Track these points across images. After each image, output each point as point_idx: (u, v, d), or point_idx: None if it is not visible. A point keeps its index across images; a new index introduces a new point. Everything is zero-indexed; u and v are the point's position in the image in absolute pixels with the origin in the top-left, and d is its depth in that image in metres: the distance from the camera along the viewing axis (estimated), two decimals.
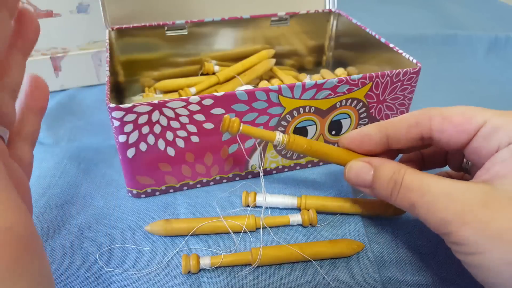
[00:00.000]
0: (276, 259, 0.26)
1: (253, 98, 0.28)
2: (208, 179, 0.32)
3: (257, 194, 0.30)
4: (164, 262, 0.26)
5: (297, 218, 0.28)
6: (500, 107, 0.46)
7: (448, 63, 0.57)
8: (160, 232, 0.27)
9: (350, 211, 0.29)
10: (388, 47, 0.35)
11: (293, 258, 0.26)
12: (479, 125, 0.22)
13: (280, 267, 0.26)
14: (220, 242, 0.27)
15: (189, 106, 0.27)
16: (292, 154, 0.33)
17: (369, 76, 0.30)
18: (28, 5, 0.40)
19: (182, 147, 0.29)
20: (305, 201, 0.29)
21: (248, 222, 0.27)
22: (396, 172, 0.23)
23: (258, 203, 0.30)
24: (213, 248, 0.27)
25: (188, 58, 0.42)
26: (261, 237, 0.27)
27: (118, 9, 0.37)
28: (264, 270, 0.25)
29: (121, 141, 0.27)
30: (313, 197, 0.29)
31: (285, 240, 0.28)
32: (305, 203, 0.29)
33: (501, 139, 0.21)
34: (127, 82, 0.41)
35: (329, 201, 0.29)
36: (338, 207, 0.29)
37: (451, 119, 0.23)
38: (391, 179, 0.23)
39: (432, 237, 0.27)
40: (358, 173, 0.25)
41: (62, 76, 0.45)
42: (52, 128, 0.38)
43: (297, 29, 0.44)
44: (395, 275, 0.26)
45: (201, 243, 0.27)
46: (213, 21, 0.40)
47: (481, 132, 0.22)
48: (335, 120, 0.32)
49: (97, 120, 0.41)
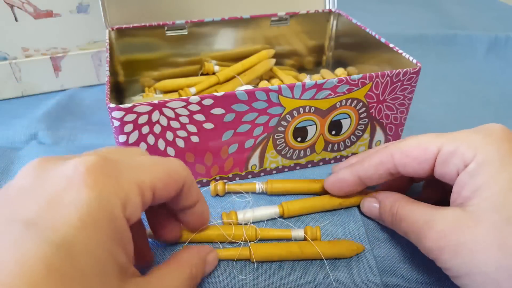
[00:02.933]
0: (275, 256, 0.26)
1: (253, 98, 0.28)
2: (208, 179, 0.32)
3: (238, 212, 0.29)
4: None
5: (299, 233, 0.28)
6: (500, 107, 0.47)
7: (448, 63, 0.57)
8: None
9: (328, 207, 0.30)
10: (388, 47, 0.35)
11: (293, 256, 0.26)
12: (435, 154, 0.24)
13: (281, 267, 0.26)
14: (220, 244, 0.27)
15: (189, 106, 0.27)
16: (292, 154, 0.33)
17: (369, 76, 0.30)
18: (28, 5, 0.40)
19: (182, 147, 0.29)
20: (287, 208, 0.29)
21: (248, 234, 0.27)
22: (392, 205, 0.25)
23: (241, 221, 0.28)
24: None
25: (188, 58, 0.42)
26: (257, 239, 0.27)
27: (118, 9, 0.37)
28: (264, 270, 0.25)
29: (121, 141, 0.27)
30: (293, 202, 0.29)
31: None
32: (288, 210, 0.29)
33: (457, 164, 0.22)
34: (127, 82, 0.41)
35: (308, 203, 0.29)
36: (320, 207, 0.30)
37: (409, 153, 0.25)
38: (390, 212, 0.25)
39: None
40: (368, 207, 0.28)
41: (62, 76, 0.45)
42: (52, 128, 0.38)
43: (297, 29, 0.44)
44: (395, 275, 0.26)
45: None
46: (213, 21, 0.40)
47: (438, 160, 0.23)
48: (335, 120, 0.32)
49: (97, 120, 0.41)
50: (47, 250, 0.14)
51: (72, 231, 0.15)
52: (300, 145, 0.32)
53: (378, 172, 0.26)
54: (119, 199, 0.17)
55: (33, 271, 0.14)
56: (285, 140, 0.32)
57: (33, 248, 0.14)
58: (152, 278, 0.20)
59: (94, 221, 0.16)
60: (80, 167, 0.17)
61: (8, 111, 0.42)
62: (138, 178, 0.19)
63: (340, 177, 0.28)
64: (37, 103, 0.43)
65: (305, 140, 0.32)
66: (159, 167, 0.20)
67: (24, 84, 0.44)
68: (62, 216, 0.15)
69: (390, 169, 0.26)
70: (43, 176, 0.17)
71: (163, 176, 0.20)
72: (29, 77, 0.44)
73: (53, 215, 0.15)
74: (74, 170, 0.17)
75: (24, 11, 0.40)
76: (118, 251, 0.17)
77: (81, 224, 0.16)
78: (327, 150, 0.34)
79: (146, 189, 0.19)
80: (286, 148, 0.32)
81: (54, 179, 0.17)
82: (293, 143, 0.32)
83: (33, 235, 0.15)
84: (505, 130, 0.23)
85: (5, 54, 0.41)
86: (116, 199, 0.17)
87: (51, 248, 0.14)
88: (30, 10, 0.40)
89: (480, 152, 0.21)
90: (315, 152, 0.34)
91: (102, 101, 0.44)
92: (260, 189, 0.31)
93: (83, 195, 0.16)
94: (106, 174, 0.17)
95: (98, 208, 0.16)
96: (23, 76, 0.43)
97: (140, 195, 0.18)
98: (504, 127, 0.23)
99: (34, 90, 0.45)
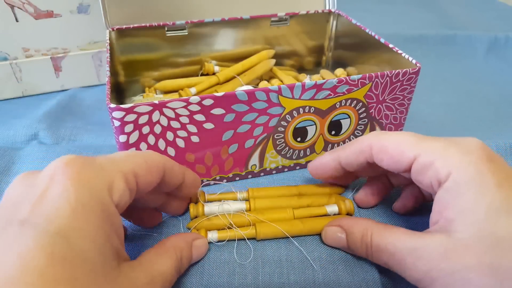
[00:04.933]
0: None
1: (253, 98, 0.28)
2: (208, 179, 0.32)
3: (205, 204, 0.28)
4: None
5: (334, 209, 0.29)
6: (499, 107, 0.47)
7: (448, 63, 0.57)
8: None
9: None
10: (388, 47, 0.35)
11: (295, 230, 0.27)
12: (411, 160, 0.23)
13: (281, 267, 0.26)
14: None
15: (189, 106, 0.27)
16: (292, 154, 0.33)
17: (369, 77, 0.30)
18: (28, 6, 0.40)
19: (182, 147, 0.29)
20: (254, 204, 0.29)
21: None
22: (364, 234, 0.24)
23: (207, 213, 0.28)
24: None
25: (188, 59, 0.42)
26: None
27: (118, 9, 0.38)
28: (264, 270, 0.26)
29: (121, 141, 0.27)
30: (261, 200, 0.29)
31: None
32: (254, 206, 0.29)
33: (431, 177, 0.22)
34: (127, 82, 0.41)
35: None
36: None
37: (386, 150, 0.24)
38: (363, 242, 0.24)
39: None
40: (333, 238, 0.26)
41: (62, 76, 0.45)
42: (53, 128, 0.39)
43: (297, 29, 0.44)
44: (395, 274, 0.26)
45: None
46: (213, 22, 0.40)
47: (414, 167, 0.23)
48: (334, 120, 0.32)
49: (97, 120, 0.41)
50: (44, 240, 0.15)
51: (65, 219, 0.16)
52: (300, 145, 0.33)
53: (358, 160, 0.26)
54: (104, 185, 0.18)
55: (35, 261, 0.14)
56: (285, 140, 0.32)
57: (30, 241, 0.15)
58: (144, 260, 0.21)
59: (84, 207, 0.17)
60: (59, 163, 0.18)
61: (9, 111, 0.42)
62: (118, 167, 0.19)
63: (322, 161, 0.28)
64: (37, 103, 0.43)
65: (305, 140, 0.32)
66: (137, 157, 0.21)
67: (25, 84, 0.44)
68: (52, 208, 0.16)
69: (368, 159, 0.25)
70: (29, 183, 0.18)
71: (142, 164, 0.21)
72: (29, 77, 0.44)
73: (44, 210, 0.16)
74: (54, 168, 0.18)
75: (24, 12, 0.40)
76: (112, 234, 0.18)
77: (72, 212, 0.16)
78: (327, 150, 0.34)
79: (129, 175, 0.20)
80: (286, 148, 0.32)
81: (38, 181, 0.18)
82: (293, 143, 0.32)
83: (29, 230, 0.15)
84: (485, 148, 0.22)
85: (5, 54, 0.42)
86: (101, 185, 0.18)
87: (48, 238, 0.15)
88: (30, 11, 0.40)
89: (458, 171, 0.21)
90: (315, 152, 0.34)
91: (103, 101, 0.44)
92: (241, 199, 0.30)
93: (68, 185, 0.17)
94: (86, 165, 0.18)
95: (85, 196, 0.17)
96: (23, 76, 0.43)
97: (124, 181, 0.19)
98: (484, 145, 0.22)
99: (34, 90, 0.45)
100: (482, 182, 0.20)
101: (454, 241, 0.20)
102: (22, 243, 0.15)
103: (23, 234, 0.15)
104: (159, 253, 0.22)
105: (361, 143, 0.26)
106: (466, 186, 0.20)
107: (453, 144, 0.22)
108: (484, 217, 0.20)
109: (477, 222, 0.20)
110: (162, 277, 0.21)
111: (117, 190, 0.19)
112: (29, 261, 0.14)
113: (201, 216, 0.28)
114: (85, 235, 0.16)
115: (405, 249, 0.21)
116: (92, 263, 0.16)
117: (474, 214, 0.20)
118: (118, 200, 0.19)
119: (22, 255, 0.14)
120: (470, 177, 0.21)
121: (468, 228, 0.20)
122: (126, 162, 0.20)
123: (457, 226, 0.20)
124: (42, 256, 0.14)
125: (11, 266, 0.14)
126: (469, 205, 0.20)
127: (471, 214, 0.20)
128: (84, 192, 0.17)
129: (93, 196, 0.17)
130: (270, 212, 0.28)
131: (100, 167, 0.19)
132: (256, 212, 0.28)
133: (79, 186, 0.17)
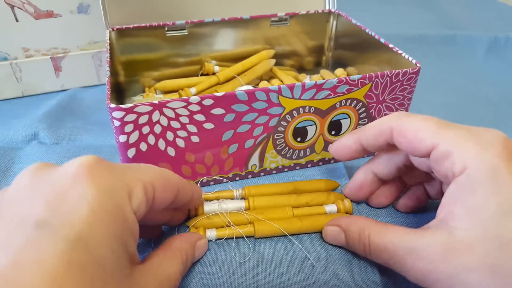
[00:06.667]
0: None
1: (253, 98, 0.28)
2: (208, 179, 0.32)
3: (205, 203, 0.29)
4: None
5: (333, 208, 0.29)
6: (499, 107, 0.47)
7: (448, 63, 0.57)
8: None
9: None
10: (388, 47, 0.35)
11: (294, 228, 0.27)
12: (429, 149, 0.22)
13: (281, 267, 0.26)
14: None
15: (189, 106, 0.27)
16: (292, 154, 0.33)
17: (369, 77, 0.30)
18: (28, 6, 0.40)
19: (182, 147, 0.29)
20: (253, 203, 0.29)
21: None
22: (361, 234, 0.24)
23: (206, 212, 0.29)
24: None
25: (188, 59, 0.42)
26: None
27: (118, 9, 0.38)
28: (264, 269, 0.26)
29: (121, 141, 0.27)
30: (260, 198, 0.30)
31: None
32: (254, 204, 0.29)
33: (447, 169, 0.21)
34: (127, 82, 0.41)
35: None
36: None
37: (406, 135, 0.24)
38: (361, 241, 0.24)
39: None
40: (333, 237, 0.27)
41: (62, 76, 0.45)
42: (53, 128, 0.39)
43: (297, 29, 0.44)
44: (395, 274, 0.26)
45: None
46: (213, 22, 0.40)
47: (432, 156, 0.22)
48: (334, 120, 0.32)
49: (97, 120, 0.41)
50: (64, 247, 0.15)
51: (86, 225, 0.16)
52: (300, 145, 0.33)
53: (378, 141, 0.26)
54: (125, 191, 0.18)
55: (54, 268, 0.14)
56: (285, 140, 0.32)
57: (50, 247, 0.15)
58: (152, 264, 0.21)
59: (105, 214, 0.16)
60: (82, 164, 0.17)
61: (9, 111, 0.42)
62: (139, 176, 0.19)
63: (344, 143, 0.28)
64: (37, 103, 0.43)
65: (305, 140, 0.32)
66: (156, 171, 0.21)
67: (25, 84, 0.44)
68: (73, 212, 0.16)
69: (389, 141, 0.25)
70: (43, 177, 0.17)
71: (161, 178, 0.21)
72: (29, 77, 0.44)
73: (64, 212, 0.16)
74: (77, 168, 0.17)
75: (24, 12, 0.40)
76: (129, 241, 0.18)
77: (94, 218, 0.16)
78: (327, 150, 0.34)
79: (148, 185, 0.19)
80: (286, 148, 0.32)
81: (56, 178, 0.17)
82: (293, 143, 0.32)
83: (48, 234, 0.15)
84: (507, 143, 0.21)
85: (5, 54, 0.42)
86: (122, 192, 0.18)
87: (68, 245, 0.15)
88: (30, 11, 0.40)
89: (473, 166, 0.20)
90: (315, 152, 0.34)
91: (103, 101, 0.44)
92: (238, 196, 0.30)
93: (91, 189, 0.17)
94: (108, 170, 0.18)
95: (107, 201, 0.17)
96: (23, 76, 0.43)
97: (143, 190, 0.19)
98: (506, 140, 0.21)
99: (34, 90, 0.45)
100: (496, 181, 0.19)
101: (455, 240, 0.20)
102: (41, 248, 0.14)
103: (41, 239, 0.15)
104: (166, 256, 0.22)
105: (382, 125, 0.25)
106: (479, 183, 0.20)
107: (474, 135, 0.21)
108: (492, 217, 0.19)
109: (484, 222, 0.19)
110: (169, 280, 0.21)
111: (136, 198, 0.18)
112: (47, 267, 0.14)
113: (200, 215, 0.28)
114: (104, 243, 0.16)
115: (404, 249, 0.21)
116: (109, 272, 0.16)
117: (482, 213, 0.19)
118: (136, 208, 0.18)
119: (39, 262, 0.14)
120: (484, 173, 0.20)
121: (474, 227, 0.19)
122: (145, 172, 0.20)
123: (462, 224, 0.20)
124: (62, 264, 0.14)
125: (28, 272, 0.14)
126: (479, 203, 0.19)
127: (479, 213, 0.19)
128: (106, 197, 0.17)
129: (114, 202, 0.17)
130: (270, 211, 0.28)
131: (122, 173, 0.19)
132: (255, 211, 0.28)
133: (101, 190, 0.17)
